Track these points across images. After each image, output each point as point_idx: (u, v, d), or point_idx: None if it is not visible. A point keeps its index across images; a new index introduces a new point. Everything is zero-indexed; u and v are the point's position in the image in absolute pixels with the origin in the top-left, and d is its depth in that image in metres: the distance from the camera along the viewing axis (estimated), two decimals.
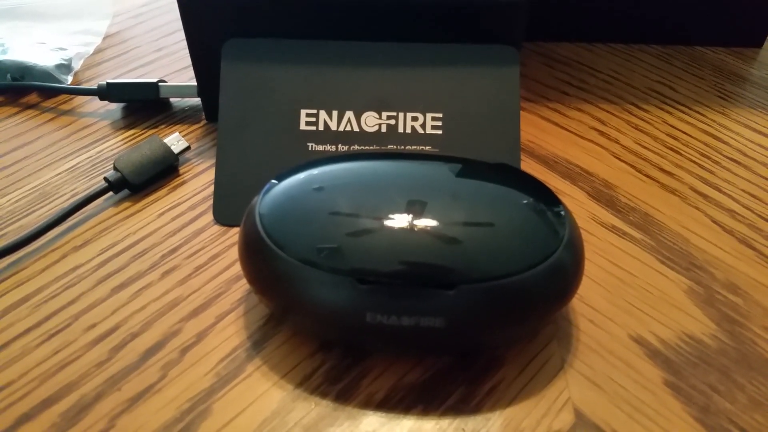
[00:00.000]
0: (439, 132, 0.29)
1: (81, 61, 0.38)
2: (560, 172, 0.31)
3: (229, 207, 0.28)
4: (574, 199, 0.30)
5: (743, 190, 0.31)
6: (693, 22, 0.40)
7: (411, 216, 0.21)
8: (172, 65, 0.39)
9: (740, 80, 0.38)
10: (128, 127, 0.34)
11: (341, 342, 0.23)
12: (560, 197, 0.24)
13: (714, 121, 0.35)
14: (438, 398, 0.22)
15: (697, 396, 0.22)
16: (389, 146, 0.29)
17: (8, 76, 0.36)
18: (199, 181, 0.30)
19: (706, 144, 0.33)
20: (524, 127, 0.34)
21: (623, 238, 0.28)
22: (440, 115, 0.29)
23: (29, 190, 0.30)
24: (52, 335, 0.24)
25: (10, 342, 0.24)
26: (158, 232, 0.28)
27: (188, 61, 0.33)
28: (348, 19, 0.30)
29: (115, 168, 0.29)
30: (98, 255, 0.27)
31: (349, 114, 0.29)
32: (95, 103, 0.35)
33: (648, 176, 0.31)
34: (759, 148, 0.33)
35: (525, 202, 0.23)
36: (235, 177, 0.29)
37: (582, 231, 0.24)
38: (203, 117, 0.34)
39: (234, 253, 0.27)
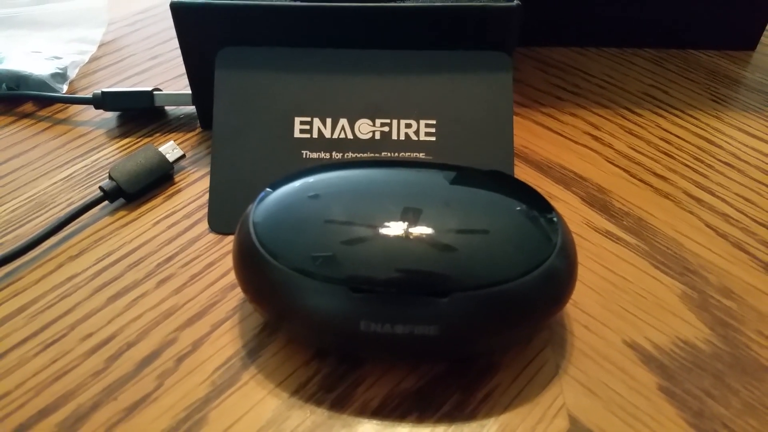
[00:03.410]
0: (433, 138, 0.29)
1: (76, 70, 0.38)
2: (554, 177, 0.31)
3: (223, 215, 0.28)
4: (567, 204, 0.30)
5: (737, 194, 0.31)
6: (686, 25, 0.40)
7: (405, 224, 0.21)
8: (167, 73, 0.39)
9: (733, 83, 0.38)
10: (123, 135, 0.34)
11: (336, 350, 0.23)
12: (554, 202, 0.24)
13: (707, 125, 0.35)
14: (433, 405, 0.22)
15: (691, 401, 0.22)
16: (383, 153, 0.29)
17: (3, 85, 0.36)
18: (194, 189, 0.31)
19: (699, 148, 0.33)
20: (518, 132, 0.34)
21: (617, 243, 0.28)
22: (434, 122, 0.29)
23: (25, 199, 0.30)
24: (48, 345, 0.24)
25: (7, 352, 0.24)
26: (153, 240, 0.28)
27: (183, 69, 0.33)
28: (341, 27, 0.30)
29: (110, 177, 0.29)
30: (94, 264, 0.27)
31: (343, 121, 0.29)
32: (90, 112, 0.35)
33: (642, 181, 0.31)
34: (752, 152, 0.33)
35: (518, 209, 0.23)
36: (230, 185, 0.29)
37: (576, 236, 0.24)
38: (198, 125, 0.34)
39: (229, 261, 0.27)
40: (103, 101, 0.34)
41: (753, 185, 0.31)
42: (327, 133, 0.29)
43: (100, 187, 0.29)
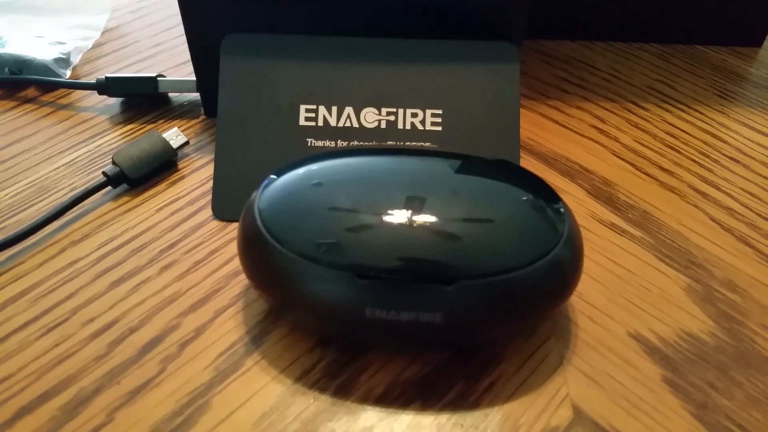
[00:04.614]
0: (439, 128, 0.29)
1: (79, 56, 0.38)
2: (559, 170, 0.31)
3: (227, 202, 0.28)
4: (573, 197, 0.30)
5: (742, 189, 0.31)
6: (693, 21, 0.40)
7: (410, 211, 0.21)
8: (170, 60, 0.39)
9: (740, 79, 0.38)
10: (127, 121, 0.34)
11: (340, 337, 0.23)
12: (559, 194, 0.24)
13: (713, 120, 0.35)
14: (436, 394, 0.22)
15: (695, 393, 0.22)
16: (389, 142, 0.29)
17: (6, 69, 0.36)
18: (197, 176, 0.30)
19: (705, 142, 0.33)
20: (524, 124, 0.34)
21: (622, 235, 0.28)
22: (440, 112, 0.29)
23: (27, 184, 0.30)
24: (51, 329, 0.24)
25: (9, 336, 0.24)
26: (157, 227, 0.28)
27: (187, 55, 0.33)
28: (348, 14, 0.30)
29: (113, 162, 0.29)
30: (97, 249, 0.27)
31: (349, 110, 0.29)
32: (94, 98, 0.35)
33: (647, 174, 0.31)
34: (758, 147, 0.33)
35: (524, 198, 0.23)
36: (234, 172, 0.28)
37: (581, 228, 0.24)
38: (202, 112, 0.34)
39: (233, 248, 0.27)
40: (106, 87, 0.34)
41: (758, 180, 0.31)
42: (332, 122, 0.29)
43: (103, 173, 0.29)
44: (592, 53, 0.40)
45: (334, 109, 0.29)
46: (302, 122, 0.29)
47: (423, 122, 0.29)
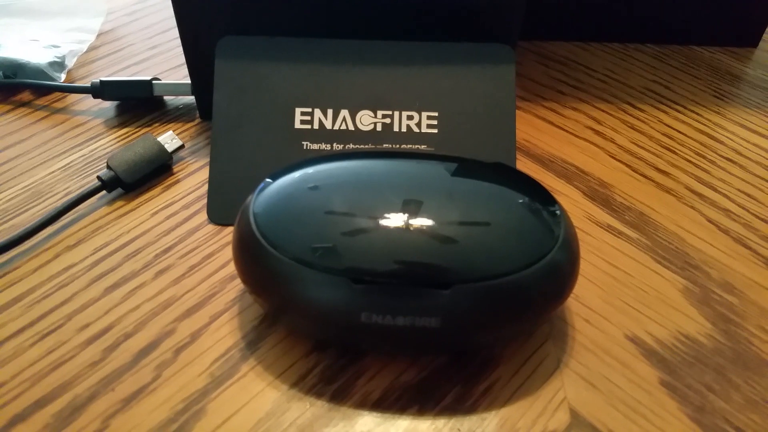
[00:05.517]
0: (435, 131, 0.29)
1: (74, 59, 0.38)
2: (556, 172, 0.31)
3: (223, 206, 0.28)
4: (569, 199, 0.30)
5: (739, 190, 0.31)
6: (689, 21, 0.40)
7: (406, 215, 0.21)
8: (166, 63, 0.38)
9: (735, 80, 0.38)
10: (122, 125, 0.34)
11: (336, 342, 0.23)
12: (555, 196, 0.24)
13: (709, 121, 0.35)
14: (433, 398, 0.22)
15: (692, 395, 0.22)
16: (384, 145, 0.29)
17: (1, 73, 0.36)
18: (193, 179, 0.30)
19: (701, 143, 0.33)
20: (520, 126, 0.34)
21: (619, 237, 0.28)
22: (436, 114, 0.29)
23: (22, 188, 0.30)
24: (45, 335, 0.24)
25: (3, 342, 0.23)
26: (152, 231, 0.28)
27: (182, 58, 0.33)
28: (343, 17, 0.30)
29: (108, 166, 0.29)
30: (91, 254, 0.27)
31: (344, 113, 0.29)
32: (88, 101, 0.35)
33: (643, 175, 0.31)
34: (754, 148, 0.33)
35: (520, 201, 0.23)
36: (230, 176, 0.28)
37: (577, 230, 0.24)
38: (197, 115, 0.34)
39: (228, 252, 0.27)
40: (101, 90, 0.34)
41: (754, 181, 0.31)
42: (328, 125, 0.29)
43: (98, 177, 0.29)
44: (587, 54, 0.40)
45: (330, 111, 0.29)
46: (298, 125, 0.29)
47: (419, 125, 0.29)
